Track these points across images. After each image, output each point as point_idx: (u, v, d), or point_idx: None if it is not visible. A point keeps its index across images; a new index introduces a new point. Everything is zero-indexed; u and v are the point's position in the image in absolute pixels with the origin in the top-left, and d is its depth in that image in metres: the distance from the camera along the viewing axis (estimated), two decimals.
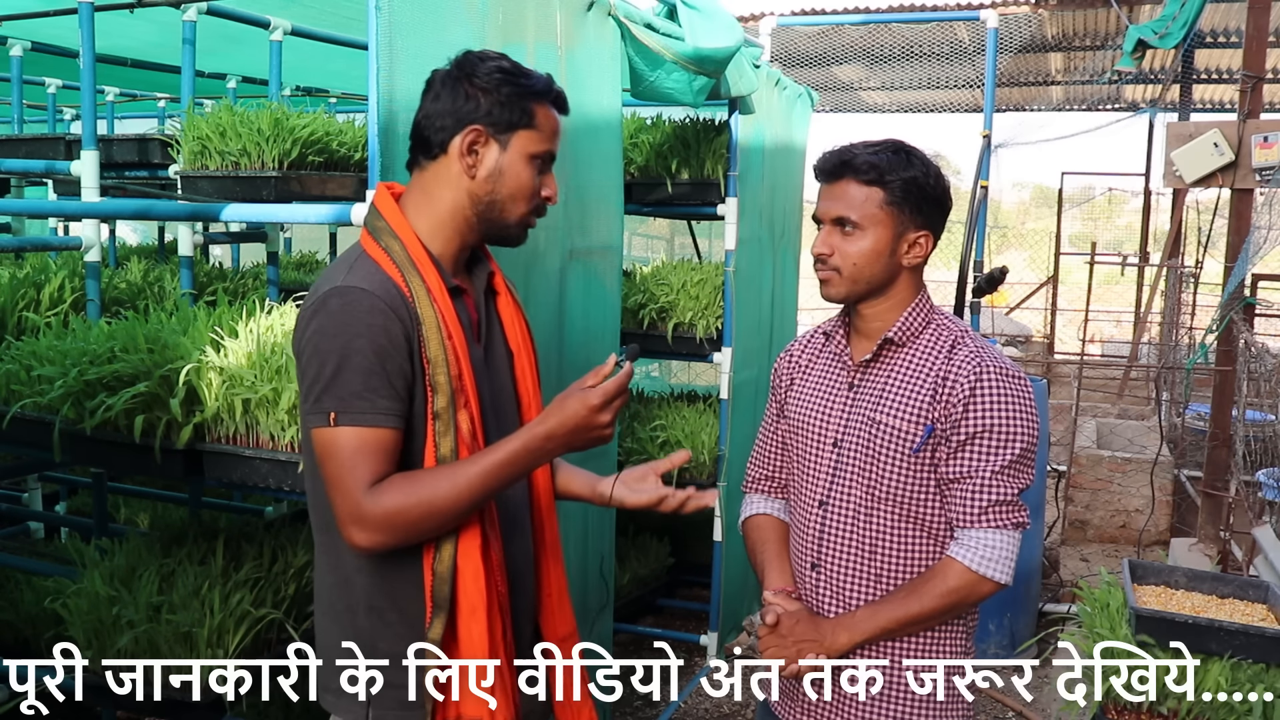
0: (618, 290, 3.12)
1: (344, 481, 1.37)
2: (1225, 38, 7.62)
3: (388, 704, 1.47)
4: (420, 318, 1.42)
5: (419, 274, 1.44)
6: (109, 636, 2.14)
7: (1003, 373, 1.65)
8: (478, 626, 1.44)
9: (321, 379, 1.38)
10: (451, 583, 1.43)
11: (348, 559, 1.47)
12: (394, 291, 1.42)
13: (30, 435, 2.26)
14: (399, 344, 1.40)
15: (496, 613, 1.47)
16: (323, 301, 1.41)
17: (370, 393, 1.37)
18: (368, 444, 1.37)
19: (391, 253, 1.45)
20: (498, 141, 1.48)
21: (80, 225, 2.67)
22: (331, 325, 1.38)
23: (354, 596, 1.49)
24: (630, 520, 4.24)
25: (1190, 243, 8.24)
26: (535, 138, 1.49)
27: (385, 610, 1.47)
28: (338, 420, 1.37)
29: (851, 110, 10.85)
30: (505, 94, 1.47)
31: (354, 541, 1.39)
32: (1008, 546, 1.64)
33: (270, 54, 3.30)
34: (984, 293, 4.41)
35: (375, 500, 1.36)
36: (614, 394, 1.42)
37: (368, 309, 1.38)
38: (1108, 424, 6.98)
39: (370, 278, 1.42)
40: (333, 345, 1.38)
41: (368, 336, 1.38)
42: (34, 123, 5.69)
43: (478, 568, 1.44)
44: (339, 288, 1.41)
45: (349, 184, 2.59)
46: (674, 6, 3.17)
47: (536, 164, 1.51)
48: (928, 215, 1.69)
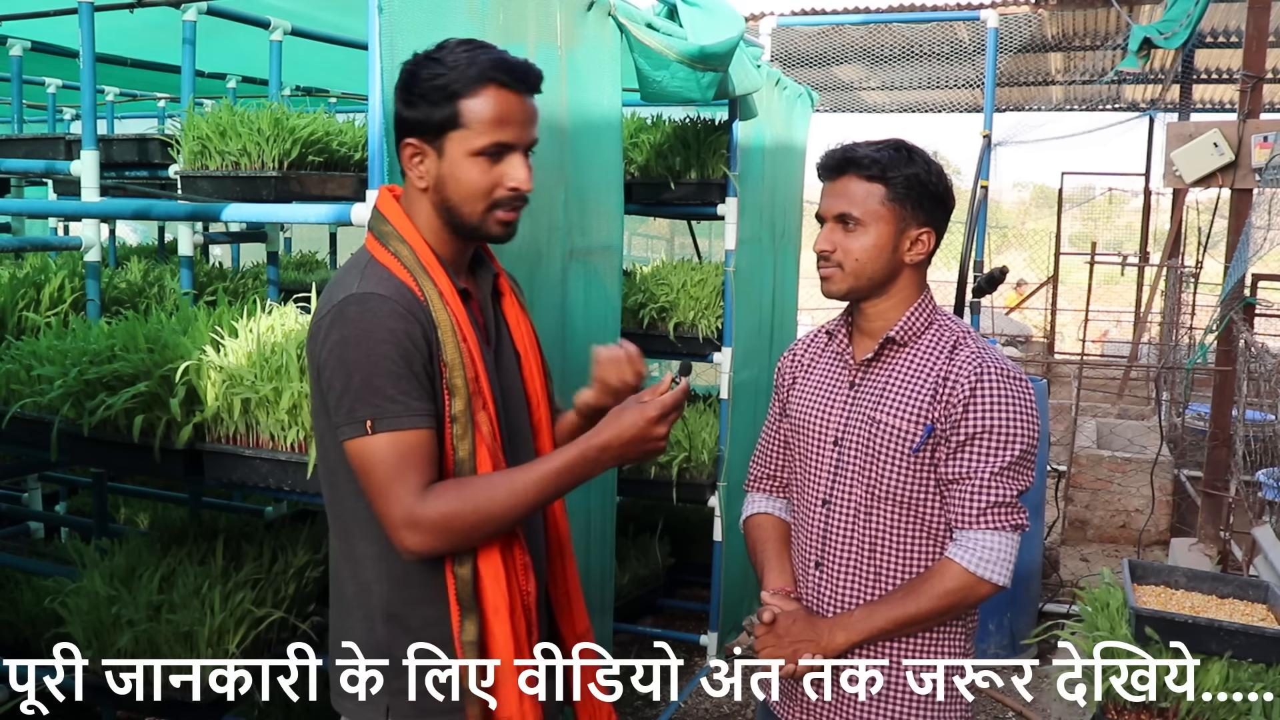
0: (618, 290, 3.12)
1: (393, 488, 1.36)
2: (1225, 38, 7.61)
3: (405, 711, 1.47)
4: (436, 321, 1.41)
5: (430, 278, 1.43)
6: (109, 636, 2.14)
7: (1004, 374, 1.65)
8: (501, 627, 1.44)
9: (351, 389, 1.36)
10: (474, 584, 1.43)
11: (368, 566, 1.47)
12: (409, 296, 1.41)
13: (30, 435, 2.26)
14: (420, 346, 1.39)
15: (520, 612, 1.47)
16: (340, 310, 1.39)
17: (404, 396, 1.37)
18: (411, 447, 1.37)
19: (401, 257, 1.44)
20: (434, 149, 1.44)
21: (80, 225, 2.67)
22: (354, 334, 1.37)
23: (372, 605, 1.48)
24: (630, 520, 4.24)
25: (1190, 243, 8.24)
26: (470, 134, 1.42)
27: (407, 617, 1.46)
28: (375, 427, 1.36)
29: (851, 110, 10.84)
30: (433, 98, 1.42)
31: (406, 545, 1.38)
32: (1006, 548, 1.63)
33: (270, 54, 3.31)
34: (984, 293, 4.41)
35: (430, 504, 1.36)
36: (672, 408, 1.44)
37: (388, 313, 1.38)
38: (1108, 424, 6.98)
39: (384, 283, 1.41)
40: (358, 354, 1.36)
41: (392, 341, 1.37)
42: (34, 123, 5.68)
43: (498, 569, 1.44)
44: (355, 295, 1.39)
45: (349, 184, 2.59)
46: (674, 6, 3.17)
47: (485, 158, 1.43)
48: (930, 212, 1.70)
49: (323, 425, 1.46)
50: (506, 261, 2.39)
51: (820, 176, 1.74)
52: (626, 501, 4.23)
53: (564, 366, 2.70)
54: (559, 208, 2.65)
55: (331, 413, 1.40)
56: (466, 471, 1.43)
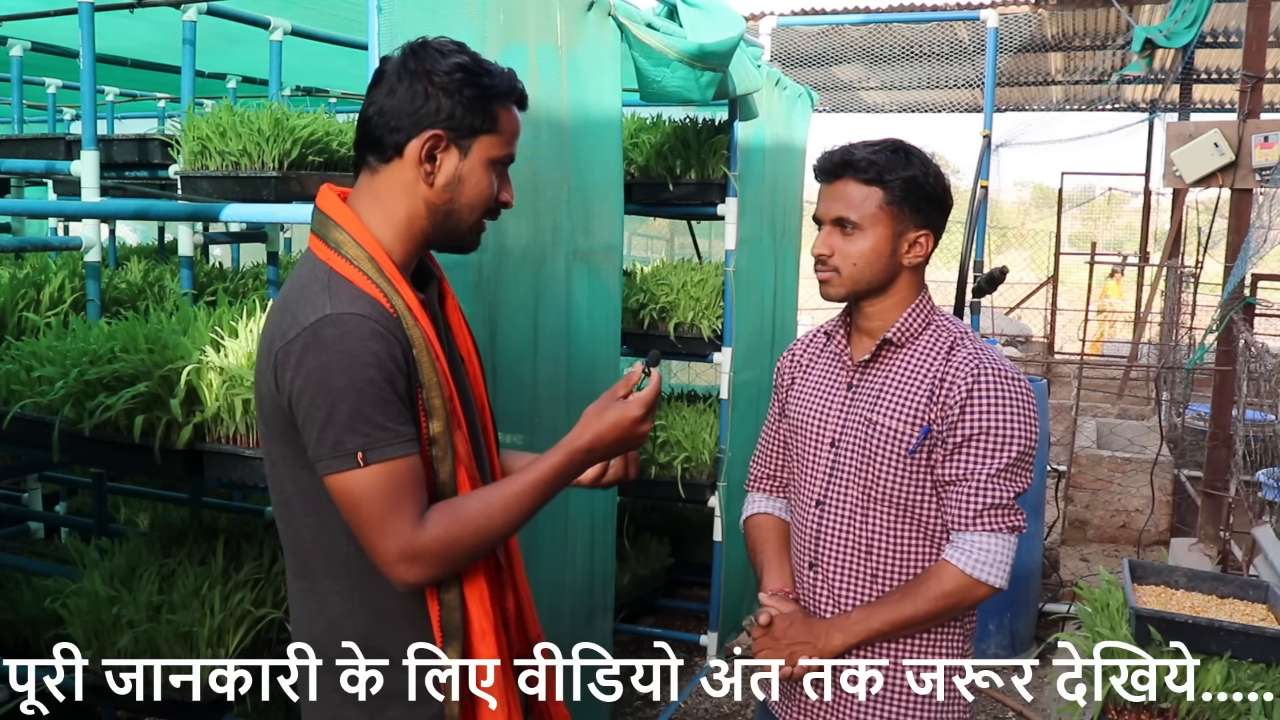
0: (619, 290, 3.12)
1: (390, 521, 1.29)
2: (1225, 38, 7.62)
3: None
4: (411, 339, 1.33)
5: (397, 291, 1.35)
6: (109, 636, 2.14)
7: (1001, 375, 1.65)
8: (487, 649, 1.40)
9: (337, 419, 1.27)
10: (461, 610, 1.38)
11: (333, 603, 1.39)
12: (383, 313, 1.32)
13: (30, 435, 2.26)
14: (401, 367, 1.32)
15: (503, 630, 1.45)
16: (314, 334, 1.28)
17: (393, 423, 1.30)
18: (403, 476, 1.30)
19: (362, 268, 1.34)
20: (458, 148, 1.38)
21: (80, 225, 2.67)
22: (335, 359, 1.27)
23: (343, 635, 1.40)
24: (630, 520, 4.24)
25: (1190, 243, 8.24)
26: (497, 142, 1.40)
27: (388, 648, 1.39)
28: (367, 459, 1.27)
29: (851, 110, 10.85)
30: (468, 96, 1.36)
31: (404, 579, 1.31)
32: (1003, 550, 1.63)
33: (270, 54, 3.30)
34: (984, 293, 4.41)
35: (428, 533, 1.30)
36: (653, 402, 1.43)
37: (369, 334, 1.29)
38: (1108, 424, 6.98)
39: (357, 301, 1.31)
40: (343, 381, 1.27)
41: (377, 365, 1.28)
42: (34, 123, 5.68)
43: (483, 590, 1.40)
44: (331, 316, 1.29)
45: (349, 184, 2.59)
46: (674, 6, 3.17)
47: (496, 169, 1.42)
48: (928, 215, 1.69)
49: (277, 457, 1.38)
50: (512, 263, 2.41)
51: (817, 178, 1.74)
52: (626, 501, 4.23)
53: (569, 368, 2.70)
54: (562, 208, 2.65)
55: (311, 446, 1.30)
56: (448, 494, 1.37)
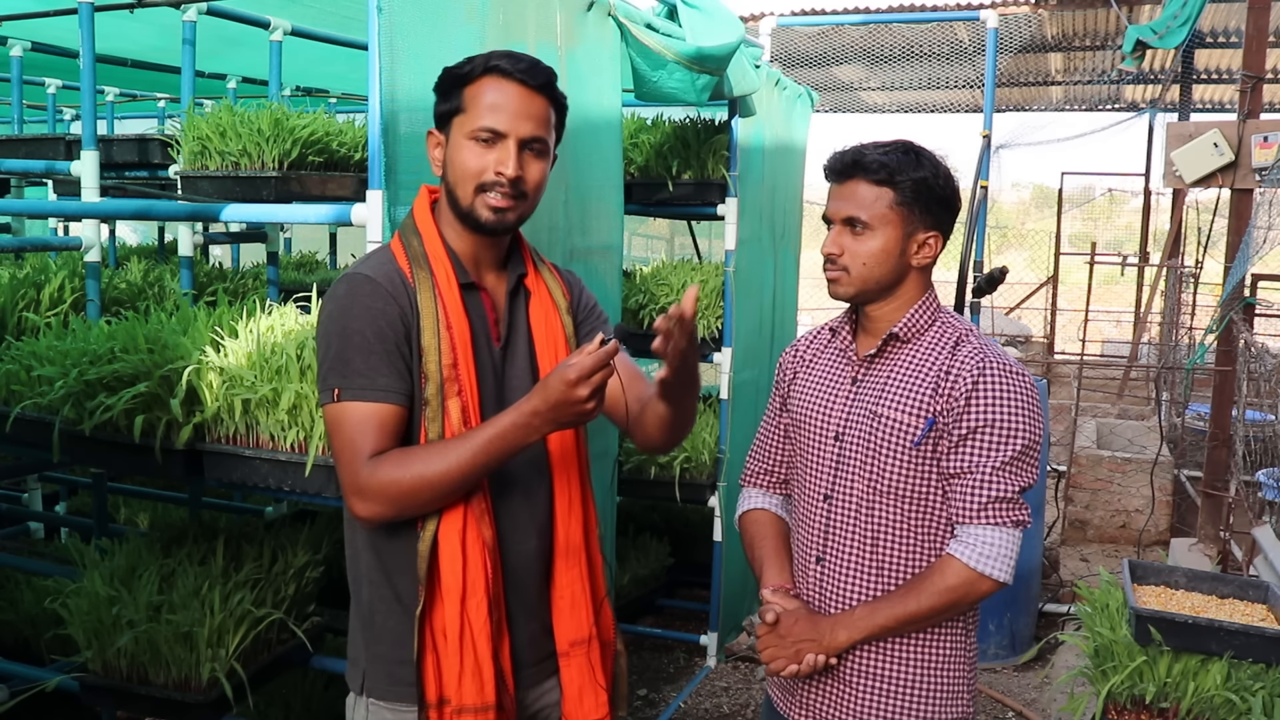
0: (618, 290, 3.12)
1: (345, 454, 1.45)
2: (1225, 38, 7.62)
3: (379, 678, 1.55)
4: (419, 308, 1.49)
5: (429, 268, 1.52)
6: (109, 636, 2.14)
7: (1006, 369, 1.65)
8: (450, 610, 1.47)
9: (328, 358, 1.48)
10: (431, 561, 1.48)
11: (358, 534, 1.56)
12: (397, 280, 1.50)
13: (30, 435, 2.26)
14: (397, 328, 1.47)
15: (472, 599, 1.48)
16: (333, 289, 1.52)
17: (371, 370, 1.46)
18: (368, 419, 1.45)
19: (409, 247, 1.54)
20: (445, 135, 1.55)
21: (80, 225, 2.67)
22: (337, 309, 1.48)
23: (359, 571, 1.57)
24: (630, 520, 4.24)
25: (1190, 243, 8.24)
26: (467, 118, 1.51)
27: (381, 585, 1.54)
28: (340, 396, 1.46)
29: (852, 110, 10.85)
30: (447, 89, 1.54)
31: (355, 511, 1.46)
32: (1008, 544, 1.63)
33: (270, 54, 3.31)
34: (984, 293, 4.41)
35: (372, 472, 1.43)
36: (590, 370, 1.38)
37: (369, 293, 1.48)
38: (1108, 424, 6.98)
39: (379, 267, 1.51)
40: (336, 327, 1.47)
41: (368, 318, 1.46)
42: (34, 123, 5.69)
43: (455, 550, 1.48)
44: (347, 274, 1.52)
45: (349, 184, 2.59)
46: (674, 6, 3.17)
47: (480, 143, 1.50)
48: (937, 216, 1.70)
49: None
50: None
51: (828, 178, 1.74)
52: (626, 501, 4.23)
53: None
54: (559, 208, 2.65)
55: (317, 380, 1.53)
56: None
